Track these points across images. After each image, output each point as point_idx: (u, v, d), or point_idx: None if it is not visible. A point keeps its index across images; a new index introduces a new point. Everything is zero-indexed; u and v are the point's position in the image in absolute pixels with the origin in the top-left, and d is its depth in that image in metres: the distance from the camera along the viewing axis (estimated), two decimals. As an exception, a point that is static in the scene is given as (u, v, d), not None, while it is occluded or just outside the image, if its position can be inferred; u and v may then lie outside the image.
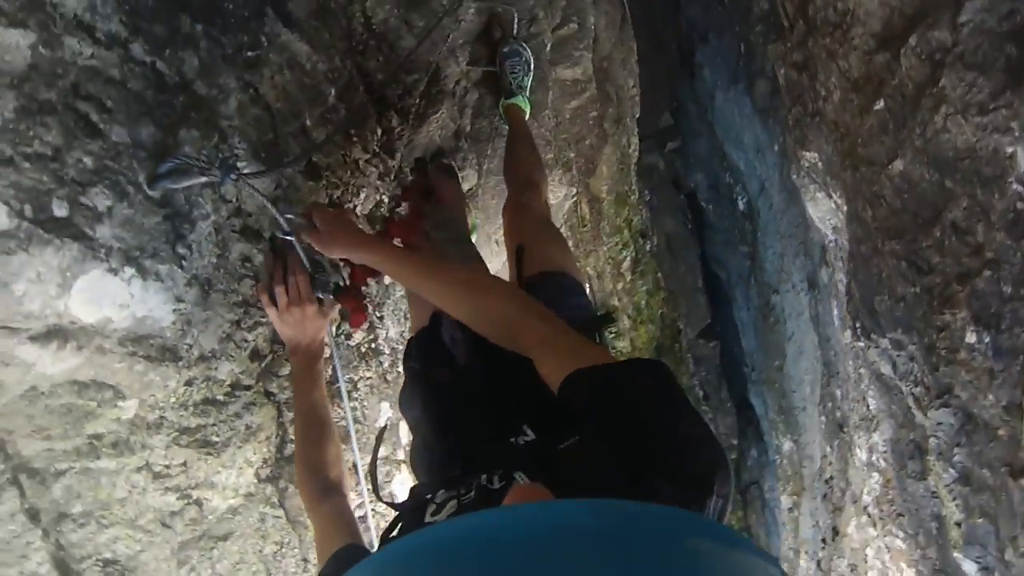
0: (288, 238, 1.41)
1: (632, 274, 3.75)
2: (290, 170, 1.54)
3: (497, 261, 3.01)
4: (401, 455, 2.16)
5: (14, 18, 0.83)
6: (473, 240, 2.79)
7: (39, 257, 0.92)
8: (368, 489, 1.62)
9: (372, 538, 1.76)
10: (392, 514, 1.18)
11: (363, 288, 1.61)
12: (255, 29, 1.32)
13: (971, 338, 1.35)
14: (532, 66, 2.55)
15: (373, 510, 1.87)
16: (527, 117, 2.67)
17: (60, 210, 0.95)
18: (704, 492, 0.70)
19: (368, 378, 2.20)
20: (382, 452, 2.16)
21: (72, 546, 1.06)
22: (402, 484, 2.25)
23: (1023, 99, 1.18)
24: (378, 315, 2.30)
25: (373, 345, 2.31)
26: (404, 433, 2.27)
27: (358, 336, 2.16)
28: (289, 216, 1.39)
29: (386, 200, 2.26)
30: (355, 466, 1.80)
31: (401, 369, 1.69)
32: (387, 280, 2.31)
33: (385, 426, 1.63)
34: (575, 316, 1.44)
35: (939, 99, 1.35)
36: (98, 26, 0.96)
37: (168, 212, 1.16)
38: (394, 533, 0.93)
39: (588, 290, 2.33)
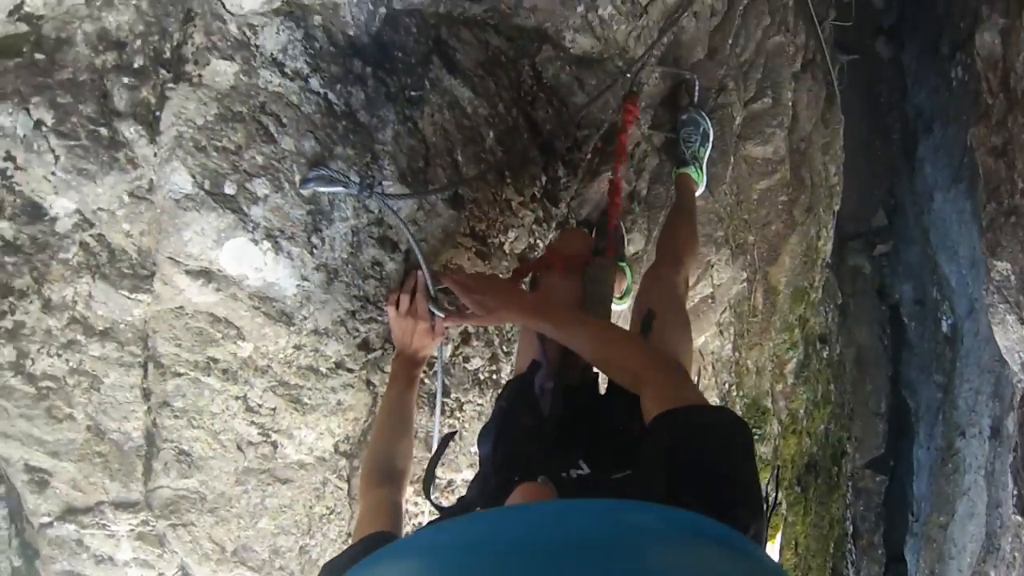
0: (419, 258, 1.64)
1: (796, 379, 3.55)
2: (433, 197, 1.85)
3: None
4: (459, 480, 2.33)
5: (225, 53, 1.24)
6: (627, 304, 2.91)
7: (205, 217, 1.33)
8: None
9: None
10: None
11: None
12: (420, 73, 1.66)
13: None
14: (711, 137, 2.62)
15: (430, 511, 2.08)
16: (700, 190, 2.73)
17: (229, 189, 1.36)
18: (744, 532, 0.78)
19: (479, 404, 2.42)
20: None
21: (163, 428, 1.46)
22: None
23: None
24: (505, 350, 2.51)
25: (494, 376, 2.53)
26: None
27: (477, 362, 2.40)
28: (420, 242, 1.65)
29: (541, 245, 2.50)
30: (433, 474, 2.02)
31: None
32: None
33: (454, 432, 1.83)
34: None
35: None
36: (287, 63, 1.36)
37: (312, 208, 1.53)
38: None
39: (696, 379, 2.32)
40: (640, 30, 2.18)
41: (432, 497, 1.19)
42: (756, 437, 3.43)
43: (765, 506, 0.93)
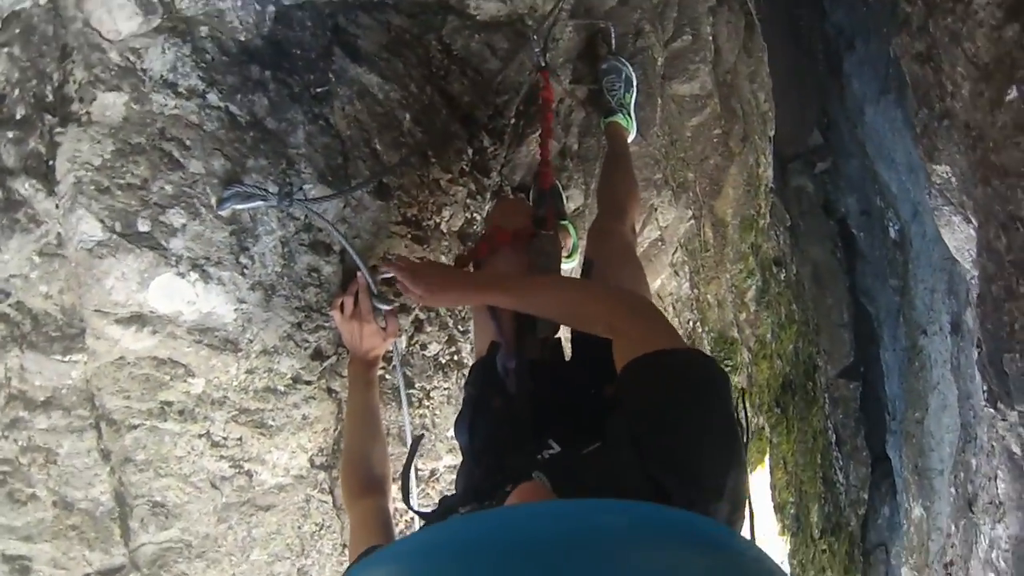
0: (357, 263, 1.62)
1: (757, 305, 3.65)
2: (358, 192, 1.82)
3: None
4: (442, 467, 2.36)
5: (110, 84, 1.18)
6: (575, 262, 2.94)
7: (123, 261, 1.28)
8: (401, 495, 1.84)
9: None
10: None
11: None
12: (323, 67, 1.61)
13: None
14: (634, 82, 2.61)
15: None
16: (632, 136, 2.72)
17: (143, 226, 1.31)
18: (715, 495, 0.79)
19: (445, 388, 2.44)
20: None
21: (131, 485, 1.43)
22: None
23: None
24: (460, 329, 2.52)
25: (455, 358, 2.54)
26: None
27: (435, 347, 2.41)
28: (349, 242, 1.63)
29: (479, 218, 2.49)
30: (414, 471, 2.03)
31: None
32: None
33: (421, 436, 1.84)
34: None
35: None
36: (180, 82, 1.30)
37: (235, 228, 1.49)
38: None
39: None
40: (546, -16, 2.16)
41: (413, 500, 1.20)
42: (728, 368, 3.54)
43: (745, 438, 0.94)
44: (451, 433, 2.40)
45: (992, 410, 1.75)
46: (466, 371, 2.51)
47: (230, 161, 1.44)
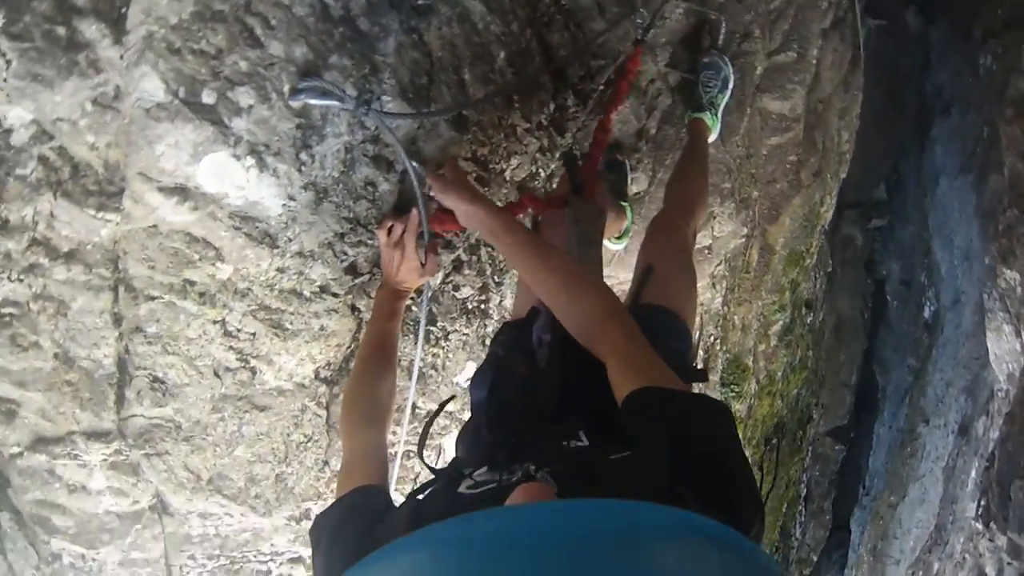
0: (416, 190, 1.55)
1: (779, 341, 3.57)
2: (437, 118, 1.75)
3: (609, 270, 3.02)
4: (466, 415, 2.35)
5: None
6: (623, 245, 2.85)
7: (180, 129, 1.22)
8: (412, 441, 1.80)
9: (394, 477, 1.99)
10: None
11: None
12: (430, -22, 1.52)
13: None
14: (731, 85, 2.52)
15: (406, 452, 2.09)
16: (712, 138, 2.64)
17: (208, 98, 1.24)
18: (743, 529, 0.76)
19: (464, 334, 2.40)
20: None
21: (136, 355, 1.41)
22: (452, 440, 2.45)
23: None
24: (496, 280, 2.48)
25: (482, 306, 2.50)
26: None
27: (467, 291, 2.36)
28: (415, 164, 1.57)
29: (543, 174, 2.42)
30: (411, 407, 2.01)
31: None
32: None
33: (452, 397, 1.79)
34: (669, 359, 1.49)
35: None
36: (281, -44, 1.22)
37: (302, 122, 1.42)
38: (421, 496, 0.98)
39: (694, 339, 2.31)
40: (672, -45, 2.02)
41: (425, 454, 1.16)
42: (734, 395, 3.48)
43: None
44: (457, 380, 2.38)
45: (981, 526, 1.69)
46: (489, 322, 2.47)
47: (313, 52, 1.36)
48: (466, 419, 1.55)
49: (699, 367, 1.51)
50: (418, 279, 1.66)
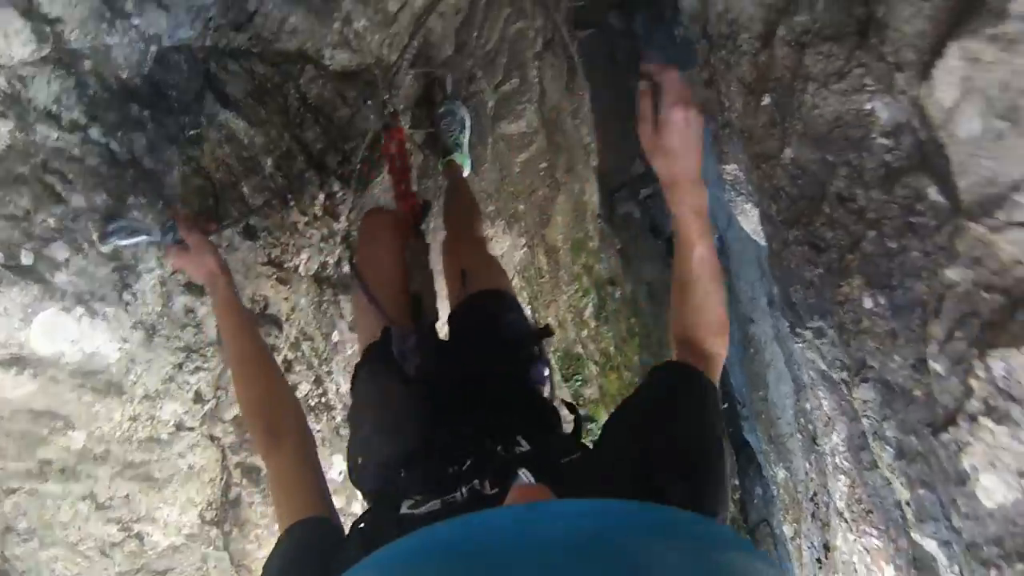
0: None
1: (596, 320, 3.98)
2: (228, 231, 1.84)
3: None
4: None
5: (-2, 111, 1.16)
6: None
7: (6, 294, 1.21)
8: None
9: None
10: None
11: None
12: (196, 110, 1.66)
13: (868, 303, 1.37)
14: (468, 123, 2.84)
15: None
16: (466, 172, 2.92)
17: (27, 259, 1.25)
18: (723, 507, 0.82)
19: (318, 430, 2.42)
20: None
21: (15, 558, 1.29)
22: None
23: (871, 55, 1.28)
24: (326, 370, 2.54)
25: (323, 399, 2.54)
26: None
27: (304, 388, 2.40)
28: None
29: (331, 262, 2.56)
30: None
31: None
32: (334, 339, 2.56)
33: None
34: (513, 331, 1.60)
35: (806, 78, 1.46)
36: (63, 115, 1.29)
37: (117, 265, 1.46)
38: (363, 525, 0.94)
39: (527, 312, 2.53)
40: (392, 37, 2.36)
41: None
42: (579, 381, 3.80)
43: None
44: (331, 475, 2.38)
45: (795, 340, 1.90)
46: (335, 412, 2.51)
47: (111, 197, 1.42)
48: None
49: (542, 325, 1.65)
50: (213, 248, 1.49)
